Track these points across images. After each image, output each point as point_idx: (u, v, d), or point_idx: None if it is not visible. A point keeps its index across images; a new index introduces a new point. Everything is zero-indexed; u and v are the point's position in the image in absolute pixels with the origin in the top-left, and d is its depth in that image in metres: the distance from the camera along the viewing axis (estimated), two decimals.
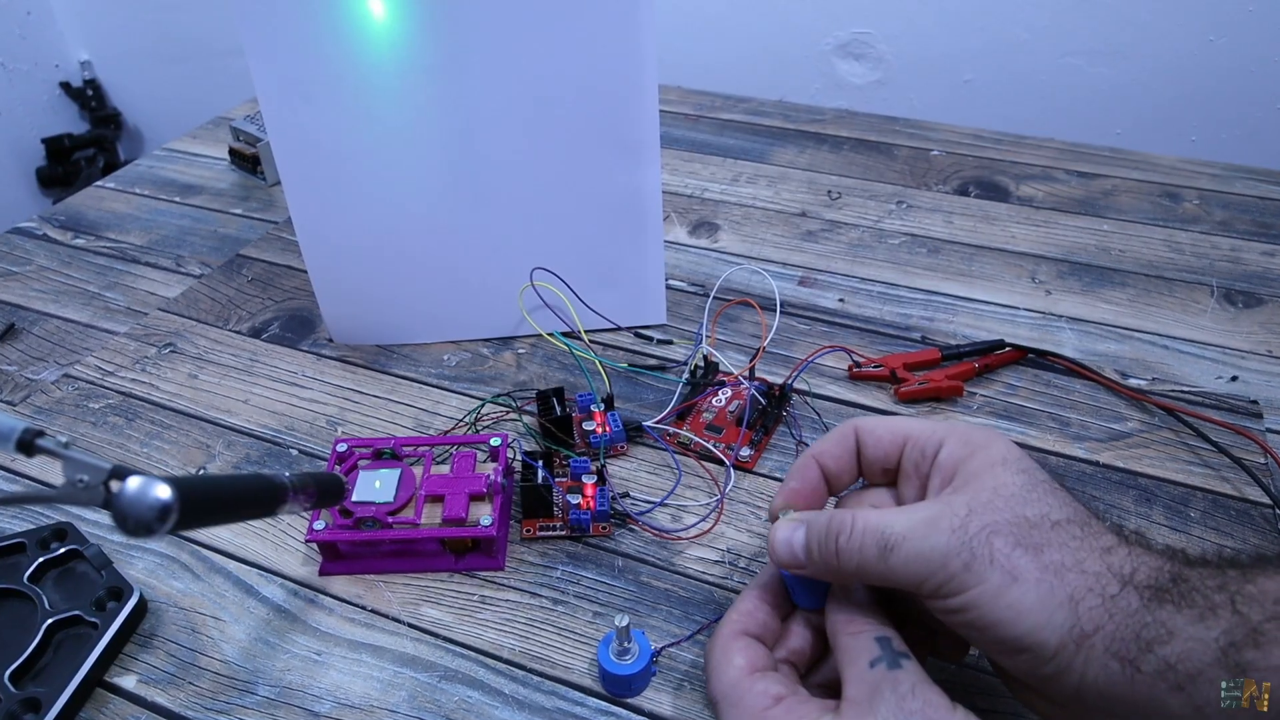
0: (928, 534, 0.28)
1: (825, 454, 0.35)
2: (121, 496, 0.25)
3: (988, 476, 0.30)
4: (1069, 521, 0.28)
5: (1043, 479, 0.30)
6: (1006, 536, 0.28)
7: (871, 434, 0.35)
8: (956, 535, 0.28)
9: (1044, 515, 0.28)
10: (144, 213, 0.74)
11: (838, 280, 0.62)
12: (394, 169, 0.51)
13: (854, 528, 0.30)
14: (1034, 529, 0.28)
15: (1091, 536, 0.28)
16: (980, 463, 0.30)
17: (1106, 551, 0.28)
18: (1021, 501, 0.29)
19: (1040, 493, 0.29)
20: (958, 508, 0.29)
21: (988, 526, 0.28)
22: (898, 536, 0.29)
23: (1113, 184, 0.72)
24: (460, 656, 0.39)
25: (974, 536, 0.28)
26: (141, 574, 0.44)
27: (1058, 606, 0.27)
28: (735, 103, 0.87)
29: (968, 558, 0.28)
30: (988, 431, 0.32)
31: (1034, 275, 0.62)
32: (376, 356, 0.57)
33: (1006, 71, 1.16)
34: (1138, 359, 0.55)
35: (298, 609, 0.42)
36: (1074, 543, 0.28)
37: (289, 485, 0.33)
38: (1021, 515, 0.28)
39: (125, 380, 0.56)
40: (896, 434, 0.34)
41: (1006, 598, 0.27)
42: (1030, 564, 0.27)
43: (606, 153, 0.52)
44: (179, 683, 0.39)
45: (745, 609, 0.34)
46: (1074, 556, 0.28)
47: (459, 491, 0.42)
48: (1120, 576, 0.27)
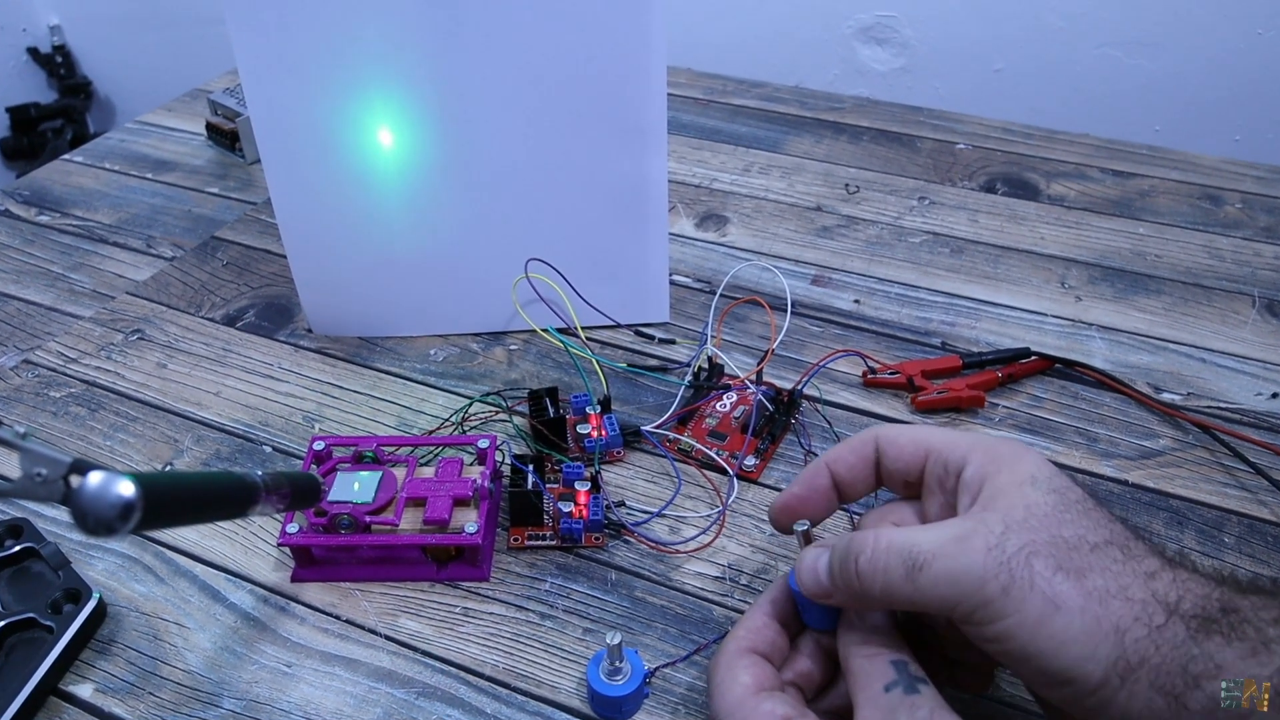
0: (960, 552, 0.28)
1: (839, 460, 0.35)
2: (82, 492, 0.25)
3: (1017, 494, 0.29)
4: (1108, 544, 0.28)
5: (1076, 498, 0.30)
6: (1047, 558, 0.27)
7: (893, 444, 0.34)
8: (993, 555, 0.27)
9: (1082, 537, 0.28)
10: (113, 189, 0.74)
11: (853, 280, 0.62)
12: (382, 150, 0.51)
13: (875, 546, 0.29)
14: (1074, 551, 0.28)
15: (1134, 560, 0.28)
16: (1008, 479, 0.30)
17: (1150, 577, 0.27)
18: (1057, 521, 0.28)
19: (1075, 513, 0.29)
20: (993, 524, 0.28)
21: (1026, 546, 0.28)
22: (927, 554, 0.28)
23: (1150, 184, 0.72)
24: (440, 672, 0.39)
25: (1012, 557, 0.27)
26: (101, 576, 0.44)
27: (1104, 637, 0.26)
28: (748, 87, 0.87)
29: (1006, 580, 0.27)
30: (1015, 445, 0.32)
31: (1063, 280, 0.62)
32: (358, 349, 0.57)
33: (1039, 61, 1.16)
34: (1172, 372, 0.55)
35: (267, 617, 0.42)
36: (1116, 566, 0.28)
37: (261, 485, 0.33)
38: (1059, 536, 0.28)
39: (89, 368, 0.56)
40: (919, 445, 0.34)
41: (1049, 627, 0.27)
42: (1073, 590, 0.27)
43: (610, 137, 0.52)
44: (139, 693, 0.39)
45: (753, 625, 0.34)
46: (1118, 582, 0.27)
47: (443, 495, 0.42)
48: (1166, 604, 0.27)
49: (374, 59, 0.48)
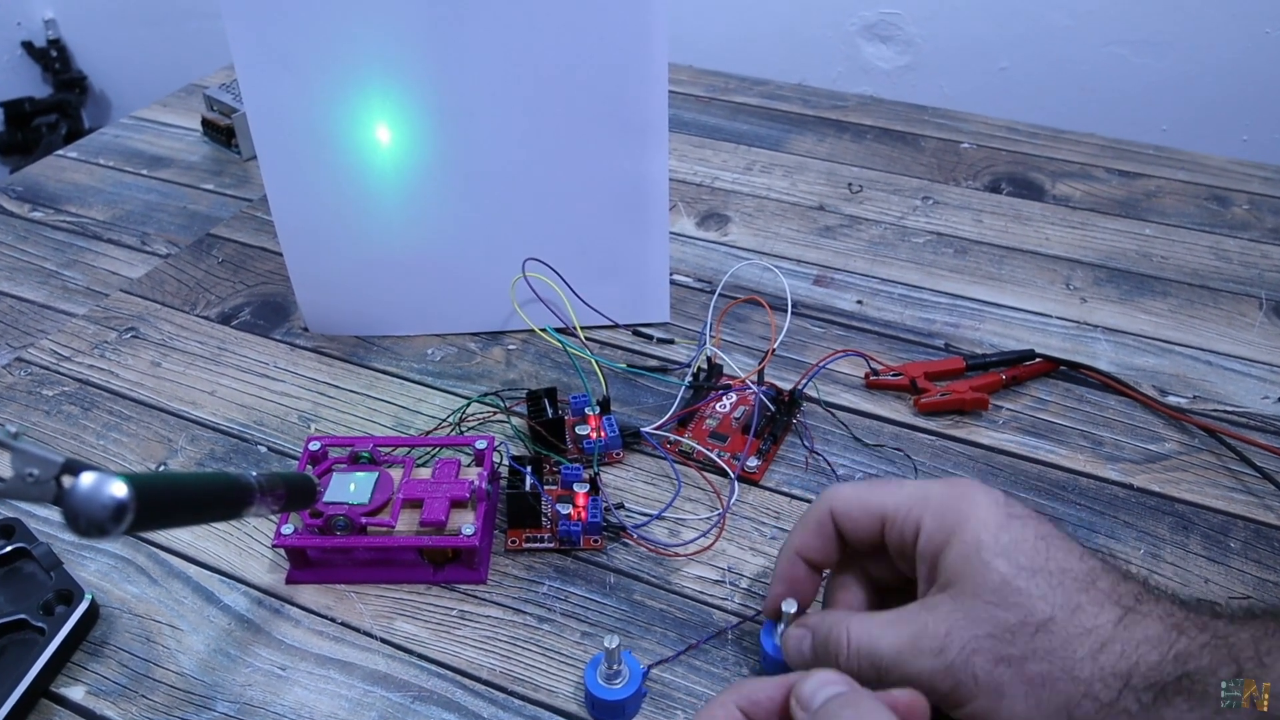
0: (912, 659, 0.31)
1: (807, 548, 0.36)
2: (74, 493, 0.25)
3: (965, 571, 0.31)
4: (1053, 619, 0.29)
5: (1025, 557, 0.30)
6: (987, 654, 0.29)
7: (847, 516, 0.35)
8: (940, 659, 0.30)
9: (1024, 619, 0.29)
10: (108, 185, 0.74)
11: (856, 280, 0.62)
12: (379, 147, 0.51)
13: (848, 650, 0.32)
14: (1015, 637, 0.29)
15: (1082, 634, 0.29)
16: (957, 554, 0.31)
17: (1100, 649, 0.29)
18: (1001, 603, 0.30)
19: (1024, 579, 0.30)
20: (938, 626, 0.30)
21: (967, 645, 0.30)
22: (887, 661, 0.31)
23: (1156, 185, 0.72)
24: (436, 676, 0.39)
25: (954, 660, 0.30)
26: (94, 577, 0.44)
27: (1050, 715, 0.29)
28: (751, 85, 0.87)
29: (952, 681, 0.30)
30: (963, 498, 0.32)
31: (1068, 281, 0.62)
32: (355, 349, 0.57)
33: (1045, 60, 1.16)
34: (1178, 375, 0.55)
35: (262, 619, 0.42)
36: (1061, 648, 0.29)
37: (256, 485, 0.33)
38: (1002, 622, 0.29)
39: (82, 366, 0.56)
40: (872, 514, 0.35)
41: (998, 713, 0.29)
42: (1014, 679, 0.29)
43: (610, 135, 0.52)
44: (131, 695, 0.39)
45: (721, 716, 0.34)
46: (1062, 664, 0.29)
47: (439, 497, 0.42)
48: (1117, 676, 0.28)
49: (372, 54, 0.48)
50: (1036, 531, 0.31)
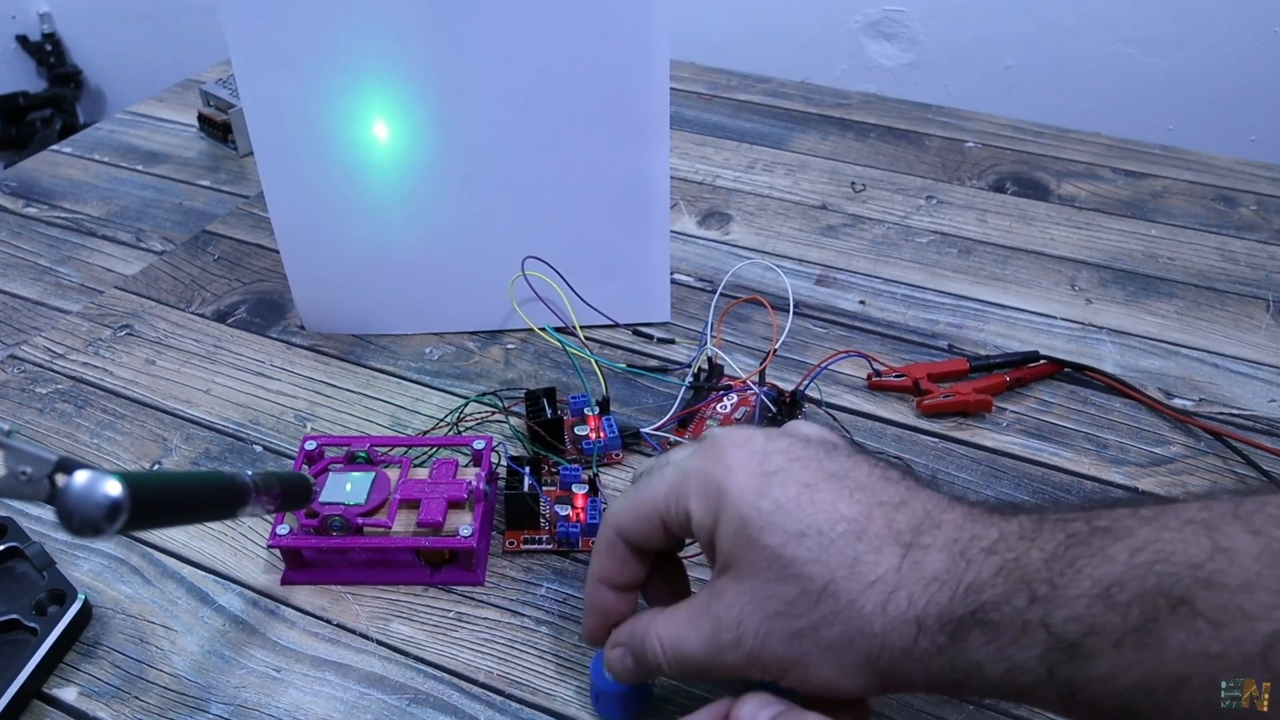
0: (718, 655, 0.31)
1: (605, 574, 0.35)
2: (67, 491, 0.25)
3: (738, 551, 0.31)
4: (832, 581, 0.29)
5: (790, 520, 0.30)
6: (779, 633, 0.30)
7: (631, 532, 0.34)
8: (739, 651, 0.30)
9: (804, 589, 0.29)
10: (103, 181, 0.74)
11: (859, 280, 0.62)
12: (378, 143, 0.51)
13: (665, 657, 0.33)
14: (801, 609, 0.29)
15: (864, 588, 0.29)
16: (726, 534, 0.31)
17: (886, 600, 0.29)
18: (778, 578, 0.30)
19: (793, 546, 0.29)
20: (730, 614, 0.31)
21: (759, 630, 0.30)
22: (701, 663, 0.32)
23: (1163, 185, 0.72)
24: (432, 678, 0.39)
25: (753, 648, 0.30)
26: (87, 576, 0.44)
27: (857, 671, 0.29)
28: (753, 83, 0.87)
29: (760, 666, 0.30)
30: (716, 466, 0.32)
31: (1074, 282, 0.62)
32: (352, 347, 0.57)
33: (1051, 58, 1.16)
34: (1184, 377, 0.55)
35: (256, 620, 0.42)
36: (847, 610, 0.29)
37: (251, 485, 0.33)
38: (784, 597, 0.30)
39: (76, 364, 0.56)
40: (650, 518, 0.34)
41: (809, 680, 0.30)
42: (811, 649, 0.30)
43: (611, 132, 0.52)
44: (124, 697, 0.39)
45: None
46: (852, 625, 0.29)
47: (437, 497, 0.42)
48: (908, 623, 0.28)
49: (370, 50, 0.48)
50: (799, 482, 0.30)
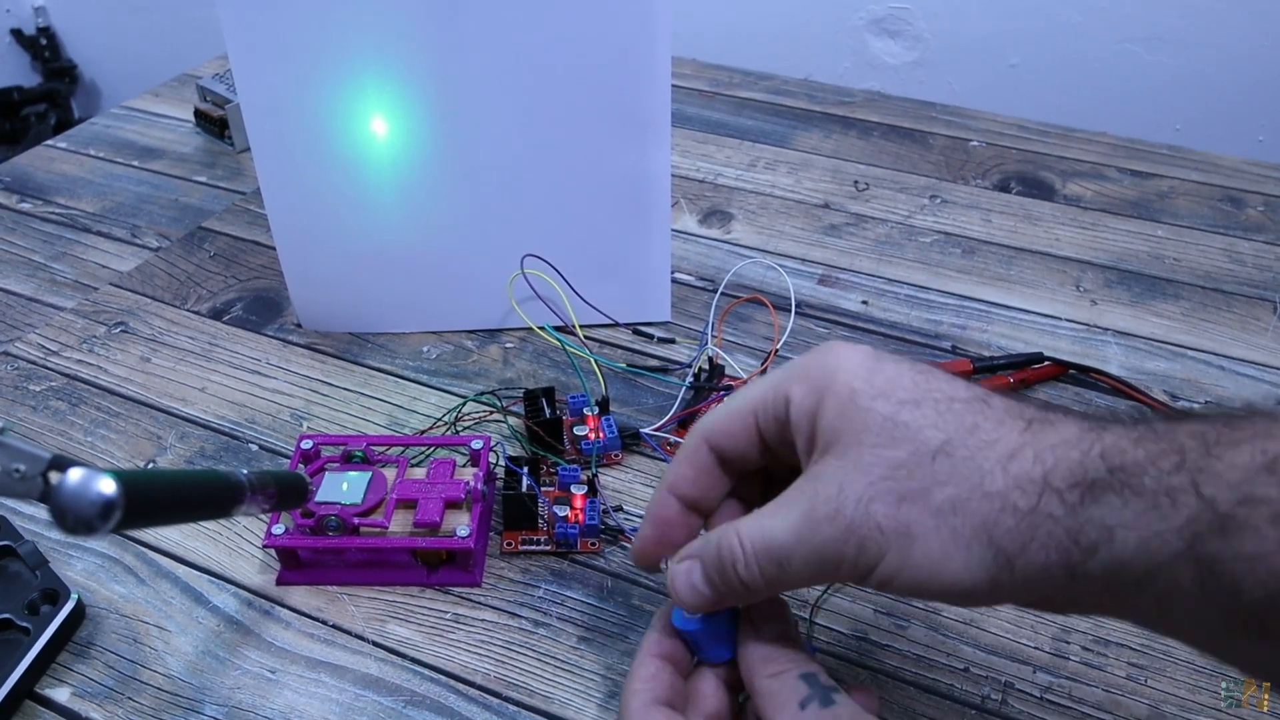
0: (811, 534, 0.28)
1: (680, 482, 0.34)
2: (61, 490, 0.25)
3: (844, 424, 0.29)
4: (949, 441, 0.27)
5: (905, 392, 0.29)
6: (886, 496, 0.28)
7: (721, 432, 0.33)
8: (837, 522, 0.28)
9: (916, 449, 0.28)
10: (98, 177, 0.74)
11: (861, 280, 0.62)
12: (375, 139, 0.51)
13: (746, 553, 0.30)
14: (912, 470, 0.27)
15: (984, 447, 0.27)
16: (831, 410, 0.29)
17: (1009, 458, 0.27)
18: (888, 442, 0.28)
19: (909, 410, 0.28)
20: (828, 488, 0.28)
21: (863, 496, 0.28)
22: (787, 548, 0.29)
23: (1169, 185, 0.72)
24: (429, 680, 0.39)
25: (853, 516, 0.28)
26: (80, 576, 0.44)
27: (970, 543, 0.27)
28: (756, 80, 0.87)
29: (857, 541, 0.28)
30: (827, 355, 0.31)
31: (1079, 283, 0.62)
32: (349, 345, 0.57)
33: (1057, 57, 1.16)
34: (1190, 380, 0.55)
35: (251, 621, 0.42)
36: (964, 467, 0.27)
37: (247, 484, 0.33)
38: (894, 460, 0.28)
39: (70, 361, 0.56)
40: (743, 415, 0.32)
41: (912, 559, 0.27)
42: (921, 514, 0.27)
43: (611, 129, 0.52)
44: (117, 698, 0.39)
45: (647, 674, 0.33)
46: (969, 483, 0.27)
47: (434, 497, 0.42)
48: (1033, 481, 0.26)
49: (369, 45, 0.48)
50: (913, 368, 0.29)
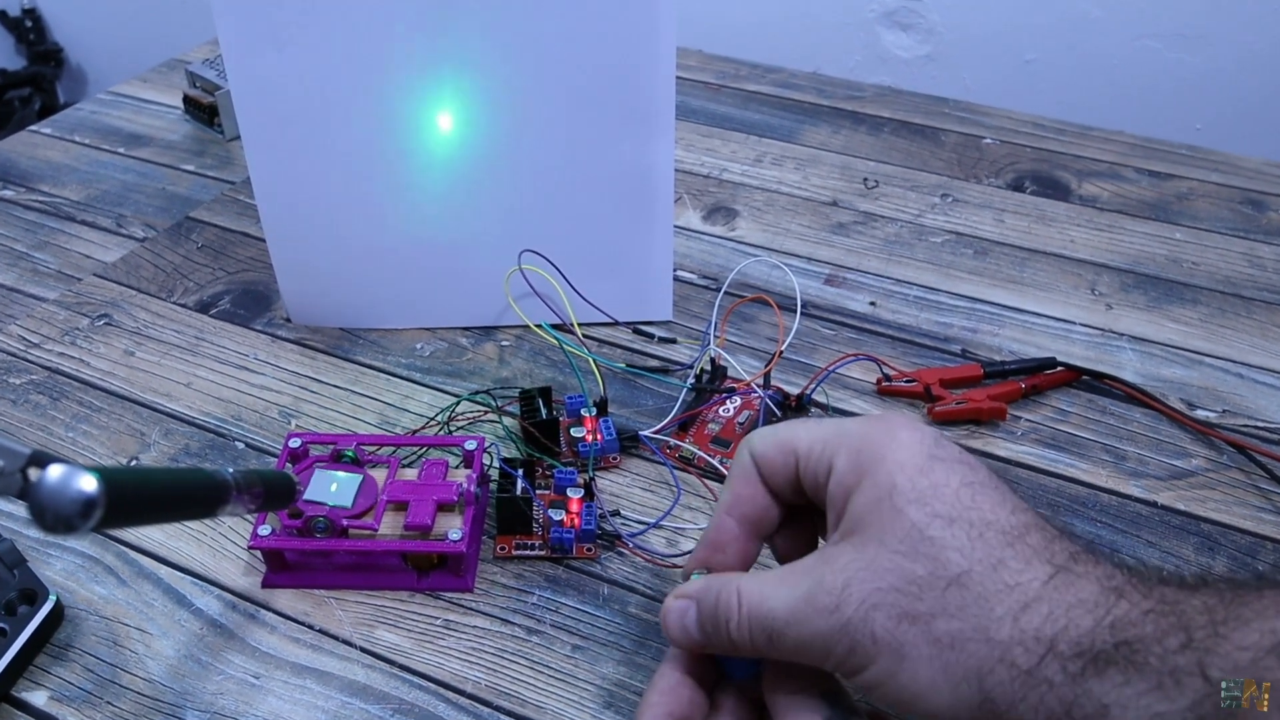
0: (807, 619, 0.29)
1: (736, 502, 0.34)
2: (40, 486, 0.25)
3: (874, 518, 0.29)
4: (969, 573, 0.27)
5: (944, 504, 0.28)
6: (888, 610, 0.28)
7: (763, 458, 0.33)
8: (834, 617, 0.28)
9: (934, 571, 0.27)
10: (83, 164, 0.74)
11: (869, 280, 0.62)
12: (369, 129, 0.51)
13: (740, 614, 0.30)
14: (924, 591, 0.27)
15: (1002, 591, 0.27)
16: (867, 498, 0.29)
17: (1023, 609, 0.27)
18: (910, 553, 0.28)
19: (939, 527, 0.28)
20: (834, 580, 0.29)
21: (867, 600, 0.28)
22: (780, 624, 0.29)
23: (1189, 187, 0.72)
24: (418, 688, 0.39)
25: (851, 617, 0.28)
26: (59, 576, 0.44)
27: (959, 682, 0.27)
28: (763, 72, 0.87)
29: (849, 643, 0.28)
30: (883, 434, 0.31)
31: (1094, 286, 0.62)
32: (339, 341, 0.57)
33: (1074, 52, 1.16)
34: (1207, 388, 0.55)
35: (235, 624, 0.42)
36: (975, 605, 0.27)
37: (233, 483, 0.33)
38: (909, 574, 0.28)
39: (52, 354, 0.56)
40: (786, 452, 0.33)
41: (898, 679, 0.27)
42: (918, 638, 0.27)
43: (613, 121, 0.52)
44: (96, 702, 0.39)
45: (667, 686, 0.33)
46: (975, 623, 0.27)
47: (426, 499, 0.42)
48: (1040, 641, 0.26)
49: (363, 30, 0.48)
50: (963, 478, 0.29)
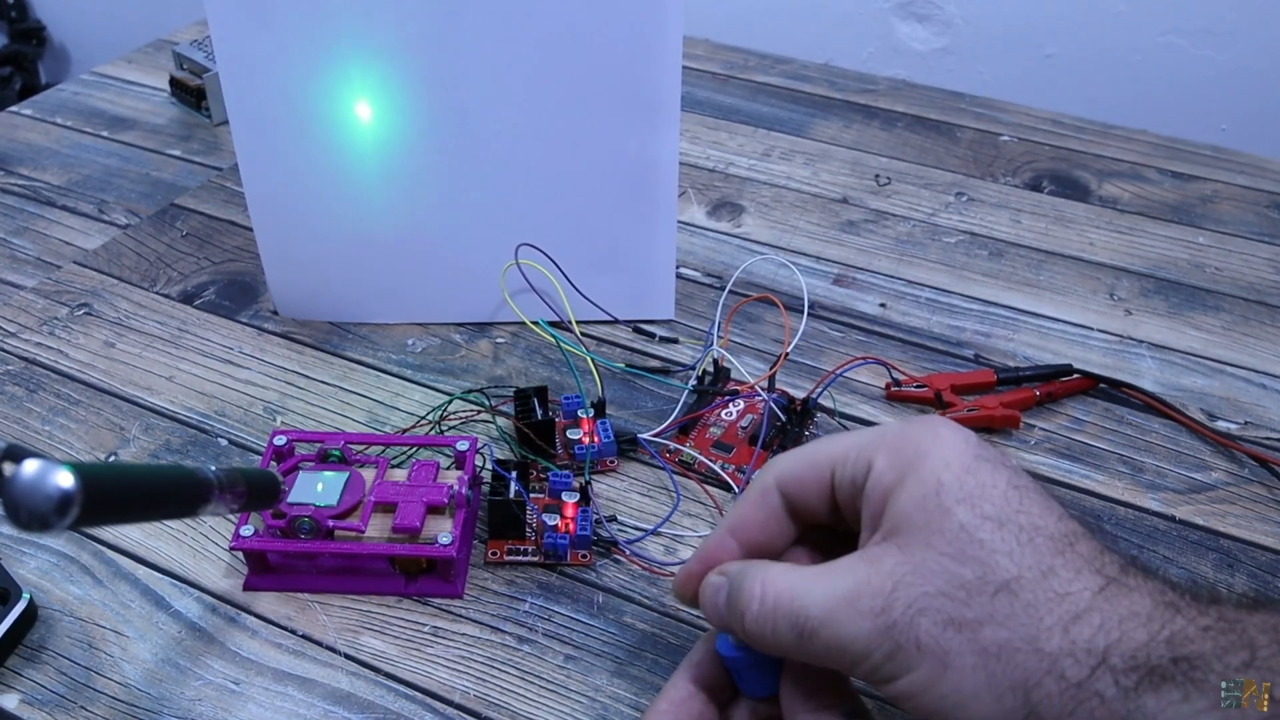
0: (847, 619, 0.28)
1: (745, 526, 0.33)
2: (15, 482, 0.25)
3: (920, 517, 0.28)
4: (1018, 579, 0.27)
5: (993, 505, 0.28)
6: (936, 614, 0.27)
7: (794, 478, 0.33)
8: (879, 620, 0.28)
9: (984, 576, 0.27)
10: (64, 147, 0.74)
11: (880, 281, 0.62)
12: (362, 114, 0.51)
13: (762, 603, 0.29)
14: (972, 597, 0.27)
15: (1052, 600, 0.27)
16: (912, 494, 0.29)
17: (1074, 620, 0.26)
18: (958, 556, 0.28)
19: (988, 530, 0.28)
20: (881, 581, 0.28)
21: (915, 604, 0.27)
22: (815, 622, 0.28)
23: (1213, 189, 0.72)
24: (404, 697, 0.39)
25: (898, 620, 0.27)
26: (33, 575, 0.44)
27: (1004, 694, 0.26)
28: (773, 63, 0.87)
29: (891, 647, 0.27)
30: (925, 433, 0.30)
31: (1113, 291, 0.62)
32: (328, 336, 0.57)
33: (1095, 47, 1.16)
34: (1229, 398, 0.55)
35: (215, 628, 0.42)
36: (1024, 614, 0.27)
37: (215, 481, 0.33)
38: (957, 578, 0.27)
39: (28, 344, 0.56)
40: (820, 467, 0.32)
41: (939, 688, 0.27)
42: (964, 647, 0.27)
43: (616, 112, 0.52)
44: (69, 706, 0.39)
45: (677, 697, 0.33)
46: (1024, 632, 0.26)
47: (415, 501, 0.42)
48: (1091, 653, 0.26)
49: (359, 11, 0.48)
50: (1010, 480, 0.29)
